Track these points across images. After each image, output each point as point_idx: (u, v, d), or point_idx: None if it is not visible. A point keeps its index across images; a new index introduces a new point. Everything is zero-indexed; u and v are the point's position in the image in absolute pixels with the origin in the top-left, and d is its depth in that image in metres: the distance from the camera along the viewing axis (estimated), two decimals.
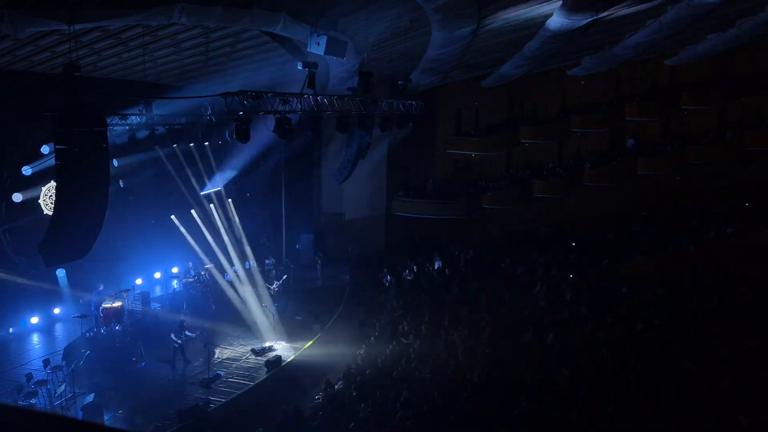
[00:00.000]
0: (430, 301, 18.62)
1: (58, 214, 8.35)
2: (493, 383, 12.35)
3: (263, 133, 14.88)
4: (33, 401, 11.99)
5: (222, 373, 14.59)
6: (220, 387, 14.03)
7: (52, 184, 15.90)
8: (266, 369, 14.87)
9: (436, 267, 22.80)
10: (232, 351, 16.16)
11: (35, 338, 16.68)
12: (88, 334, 15.59)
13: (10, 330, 16.54)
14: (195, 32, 11.90)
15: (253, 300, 18.17)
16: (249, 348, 16.20)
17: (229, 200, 21.63)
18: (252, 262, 20.95)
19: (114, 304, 16.40)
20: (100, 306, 16.18)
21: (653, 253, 23.24)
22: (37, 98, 11.33)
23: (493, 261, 23.28)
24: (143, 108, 13.08)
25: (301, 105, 12.54)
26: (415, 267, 22.45)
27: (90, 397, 12.46)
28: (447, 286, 20.40)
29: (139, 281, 19.76)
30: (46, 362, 13.56)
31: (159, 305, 19.09)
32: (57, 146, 8.08)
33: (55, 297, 17.25)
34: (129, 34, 11.29)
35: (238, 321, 17.49)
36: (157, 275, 21.00)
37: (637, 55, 23.00)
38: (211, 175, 20.52)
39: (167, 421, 12.13)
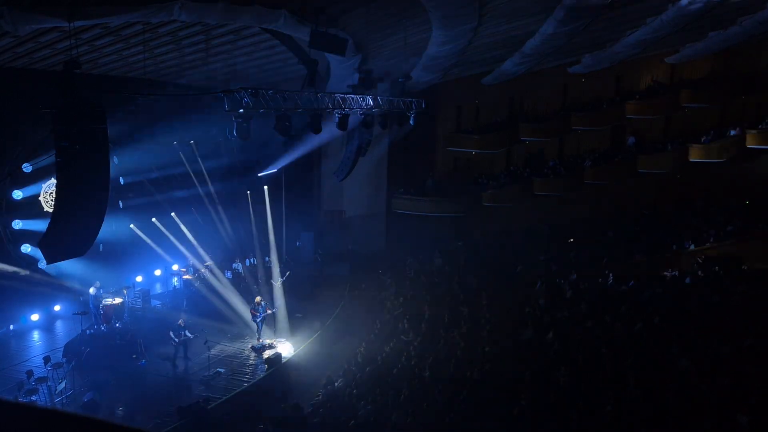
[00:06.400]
0: (430, 299, 18.63)
1: (59, 211, 8.36)
2: (492, 381, 12.36)
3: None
4: (33, 398, 12.00)
5: (222, 371, 14.61)
6: (220, 384, 14.05)
7: (53, 181, 15.91)
8: (266, 366, 14.89)
9: (436, 265, 22.81)
10: (232, 348, 16.18)
11: (36, 335, 16.70)
12: (88, 332, 15.60)
13: (11, 327, 16.56)
14: (195, 29, 11.91)
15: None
16: (249, 345, 16.23)
17: (230, 197, 21.63)
18: (252, 259, 20.99)
19: (114, 302, 16.42)
20: (101, 303, 16.20)
21: (653, 252, 23.25)
22: (38, 95, 11.33)
23: (493, 259, 23.29)
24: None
25: (301, 102, 12.54)
26: (415, 264, 22.46)
27: (90, 394, 12.48)
28: (447, 283, 20.41)
29: (139, 278, 19.78)
30: (46, 359, 13.57)
31: (159, 302, 19.12)
32: (57, 143, 8.08)
33: (55, 294, 17.26)
34: (129, 31, 11.30)
35: (238, 318, 17.51)
36: (158, 272, 21.02)
37: (637, 53, 22.98)
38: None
39: (167, 418, 12.14)
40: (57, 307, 17.60)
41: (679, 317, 15.52)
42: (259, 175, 21.11)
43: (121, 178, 17.98)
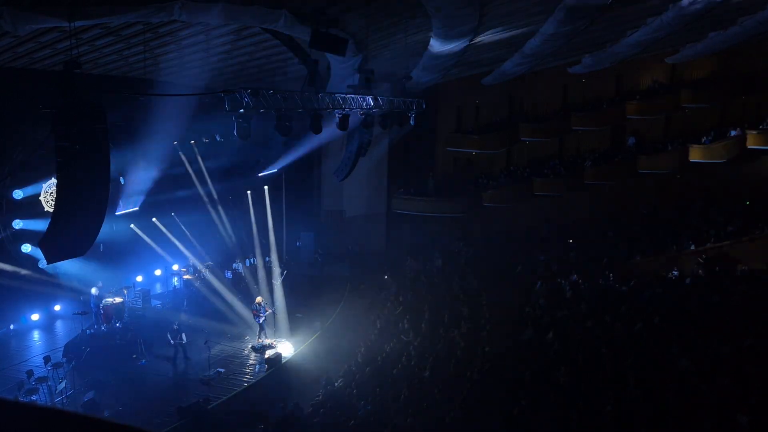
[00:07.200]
0: (431, 299, 18.63)
1: (59, 211, 8.34)
2: (492, 381, 12.37)
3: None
4: (34, 398, 12.00)
5: (222, 371, 14.61)
6: (220, 384, 14.05)
7: (53, 181, 15.91)
8: (266, 366, 14.89)
9: (436, 265, 22.81)
10: (232, 348, 16.18)
11: (36, 335, 16.70)
12: (88, 331, 15.61)
13: (11, 327, 16.57)
14: (196, 29, 11.90)
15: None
16: (249, 345, 16.23)
17: (230, 197, 21.63)
18: (253, 259, 20.98)
19: (115, 301, 16.43)
20: (101, 303, 16.21)
21: (653, 252, 23.25)
22: (38, 95, 11.33)
23: (493, 259, 23.30)
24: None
25: (301, 102, 12.53)
26: (415, 264, 22.47)
27: (90, 394, 12.49)
28: (447, 283, 20.42)
29: (139, 278, 19.77)
30: (46, 359, 13.59)
31: (159, 302, 19.13)
32: (57, 143, 8.06)
33: (55, 294, 17.27)
34: (129, 31, 11.29)
35: (238, 318, 17.51)
36: (158, 272, 21.02)
37: (637, 53, 22.97)
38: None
39: (167, 418, 12.15)
40: (57, 307, 17.60)
41: (679, 317, 15.52)
42: (260, 175, 21.19)
43: (121, 178, 17.96)
